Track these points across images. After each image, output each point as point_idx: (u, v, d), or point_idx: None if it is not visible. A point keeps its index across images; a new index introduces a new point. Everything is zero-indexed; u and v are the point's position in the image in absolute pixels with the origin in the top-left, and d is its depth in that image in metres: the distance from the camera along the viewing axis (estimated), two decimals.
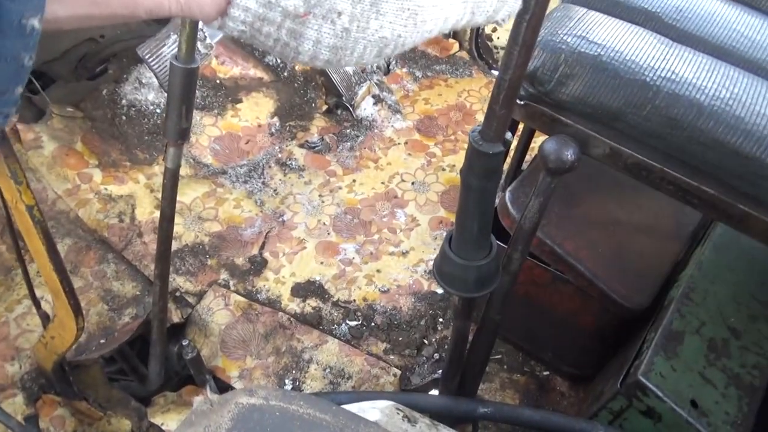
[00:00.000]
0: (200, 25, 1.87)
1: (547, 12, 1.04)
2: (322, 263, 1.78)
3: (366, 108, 2.21)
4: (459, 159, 2.10)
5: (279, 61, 2.22)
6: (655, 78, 0.85)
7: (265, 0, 0.28)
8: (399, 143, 2.15)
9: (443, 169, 2.08)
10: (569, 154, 0.88)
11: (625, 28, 0.93)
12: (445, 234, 1.85)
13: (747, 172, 0.80)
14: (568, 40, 0.90)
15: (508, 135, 0.85)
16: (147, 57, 1.66)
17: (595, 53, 0.88)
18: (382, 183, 2.02)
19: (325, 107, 2.22)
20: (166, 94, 1.94)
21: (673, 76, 0.85)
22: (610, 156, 0.91)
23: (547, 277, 1.30)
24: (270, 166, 2.02)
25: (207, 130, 2.03)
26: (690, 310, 1.17)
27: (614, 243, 1.32)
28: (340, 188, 2.00)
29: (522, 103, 0.96)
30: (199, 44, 1.88)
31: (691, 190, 0.86)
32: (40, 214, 0.96)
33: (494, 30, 2.36)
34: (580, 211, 1.36)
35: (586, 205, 1.37)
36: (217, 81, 2.12)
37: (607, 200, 1.38)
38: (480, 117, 2.24)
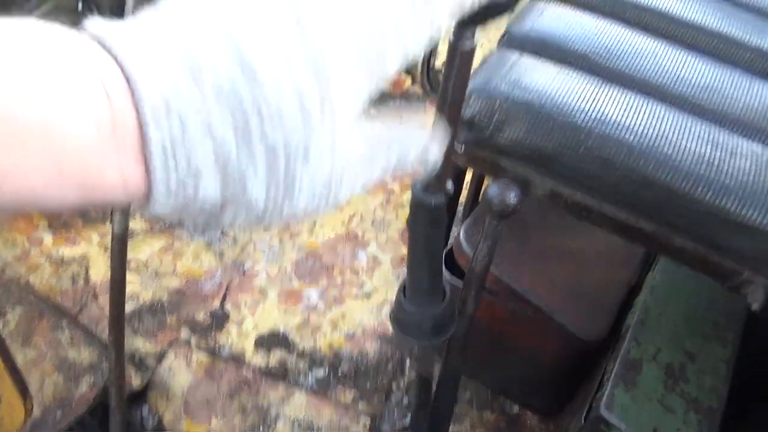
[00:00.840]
0: None
1: (483, 58, 1.07)
2: (285, 312, 1.75)
3: None
4: None
5: None
6: (586, 120, 0.88)
7: (183, 203, 0.29)
8: None
9: (403, 206, 2.09)
10: (512, 198, 0.90)
11: (557, 72, 0.96)
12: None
13: (678, 207, 0.83)
14: (502, 86, 0.93)
15: (450, 185, 0.86)
16: None
17: (528, 98, 0.91)
18: (342, 224, 2.02)
19: None
20: None
21: (603, 117, 0.88)
22: (551, 197, 0.93)
23: (507, 314, 1.31)
24: None
25: None
26: (645, 336, 1.18)
27: (569, 274, 1.34)
28: (300, 233, 1.99)
29: (463, 149, 0.97)
30: None
31: (630, 227, 0.88)
32: None
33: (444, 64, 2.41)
34: (533, 244, 1.38)
35: (539, 238, 1.39)
36: None
37: (559, 231, 1.40)
38: None
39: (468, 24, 0.64)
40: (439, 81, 2.51)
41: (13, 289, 1.66)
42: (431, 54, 2.39)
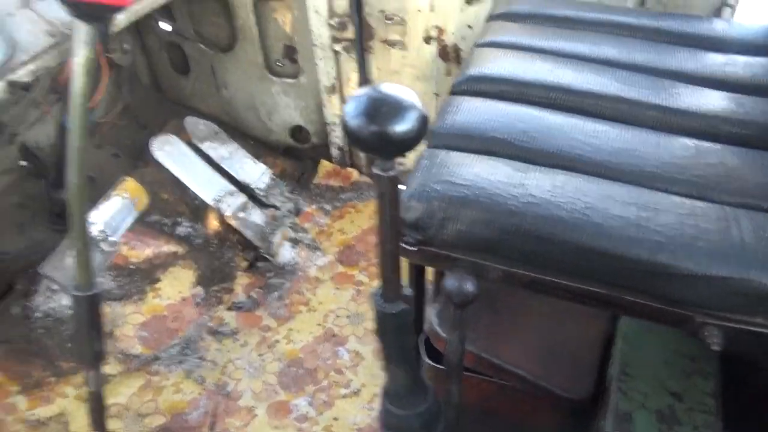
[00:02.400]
0: (101, 227, 1.89)
1: (414, 158, 1.14)
2: (276, 428, 1.72)
3: (285, 254, 2.25)
4: None
5: (191, 229, 2.25)
6: (518, 204, 0.94)
7: None
8: (325, 280, 2.18)
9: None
10: (469, 287, 0.94)
11: (483, 162, 1.04)
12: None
13: (620, 270, 0.89)
14: (437, 187, 0.99)
15: (408, 291, 0.90)
16: (51, 274, 1.65)
17: (463, 194, 0.98)
18: (318, 324, 2.02)
19: (245, 264, 2.24)
20: None
21: (533, 199, 0.95)
22: (504, 279, 0.98)
23: (494, 389, 1.32)
24: (203, 338, 1.98)
25: (130, 319, 1.98)
26: (630, 385, 1.21)
27: (545, 337, 1.37)
28: (278, 341, 1.98)
29: (415, 249, 1.02)
30: (103, 245, 1.89)
31: (584, 294, 0.94)
32: None
33: None
34: (504, 315, 1.42)
35: (509, 307, 1.43)
36: (131, 266, 2.10)
37: (526, 297, 1.45)
38: None
39: (388, 156, 0.71)
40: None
41: None
42: None
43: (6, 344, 1.83)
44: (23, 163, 2.12)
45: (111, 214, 1.84)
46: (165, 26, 2.43)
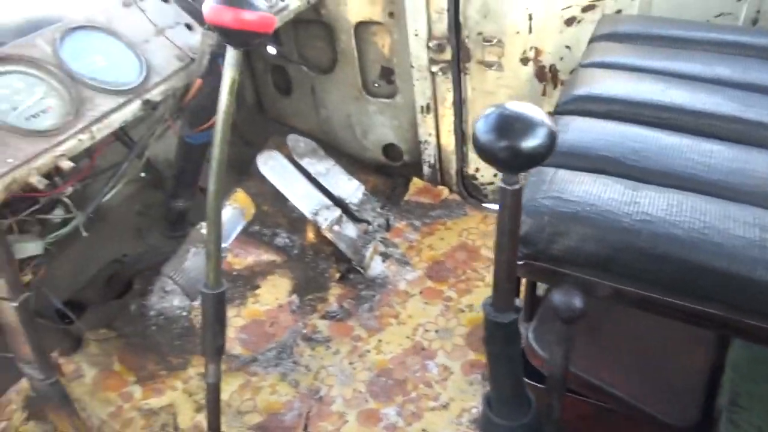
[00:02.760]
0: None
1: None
2: None
3: (376, 267, 2.32)
4: (475, 298, 2.17)
5: (288, 240, 2.38)
6: (631, 221, 0.95)
7: None
8: (414, 294, 2.23)
9: (462, 311, 2.13)
10: (577, 302, 0.95)
11: (593, 180, 1.05)
12: (480, 378, 1.87)
13: (740, 291, 0.87)
14: (546, 202, 1.02)
15: (518, 301, 0.93)
16: (173, 275, 1.80)
17: (573, 210, 0.99)
18: (407, 337, 2.07)
19: (338, 275, 2.33)
20: (191, 300, 2.07)
21: (648, 217, 0.95)
22: (614, 296, 0.98)
23: (592, 411, 1.31)
24: (297, 344, 2.08)
25: (232, 322, 2.11)
26: (741, 417, 1.16)
27: (646, 360, 1.34)
28: (368, 351, 2.04)
29: (522, 263, 1.05)
30: None
31: (699, 315, 0.92)
32: None
33: (477, 170, 2.55)
34: (605, 333, 1.40)
35: (609, 327, 1.41)
36: (234, 273, 2.24)
37: (627, 317, 1.42)
38: (484, 252, 2.34)
39: (516, 170, 0.75)
40: (474, 185, 2.65)
41: None
42: (463, 163, 2.54)
43: (124, 338, 2.01)
44: (143, 174, 2.34)
45: (223, 222, 1.99)
46: (271, 50, 2.61)
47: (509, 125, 0.70)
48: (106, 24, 1.73)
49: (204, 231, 1.99)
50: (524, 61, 2.15)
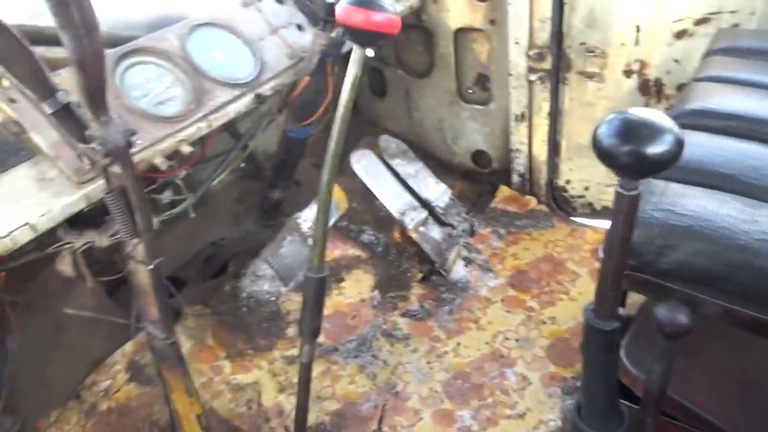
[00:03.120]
0: (310, 224, 2.13)
1: None
2: None
3: (458, 271, 2.34)
4: (558, 311, 2.14)
5: (373, 238, 2.44)
6: (750, 241, 0.92)
7: None
8: (495, 301, 2.22)
9: (544, 323, 2.11)
10: (682, 318, 0.93)
11: (708, 195, 1.03)
12: (560, 391, 1.84)
13: None
14: (657, 214, 1.00)
15: (622, 310, 0.92)
16: (269, 260, 1.91)
17: (686, 224, 0.97)
18: (486, 343, 2.07)
19: (420, 275, 2.36)
20: (279, 285, 2.17)
21: (767, 237, 0.92)
22: (723, 315, 0.95)
23: None
24: (377, 339, 2.13)
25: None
26: None
27: (747, 389, 1.28)
28: (446, 353, 2.06)
29: (626, 273, 1.03)
30: (310, 240, 2.12)
31: None
32: (206, 421, 1.09)
33: (568, 182, 2.50)
34: (703, 357, 1.34)
35: (708, 351, 1.36)
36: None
37: (728, 342, 1.36)
38: (570, 266, 2.30)
39: (637, 176, 0.75)
40: (563, 197, 2.60)
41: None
42: (554, 174, 2.50)
43: (218, 316, 2.14)
44: (243, 164, 2.48)
45: None
46: (370, 52, 2.69)
47: (634, 130, 0.70)
48: (227, 22, 1.86)
49: (300, 221, 2.10)
50: (628, 73, 2.10)
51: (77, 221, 1.59)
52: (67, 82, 1.10)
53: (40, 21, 1.58)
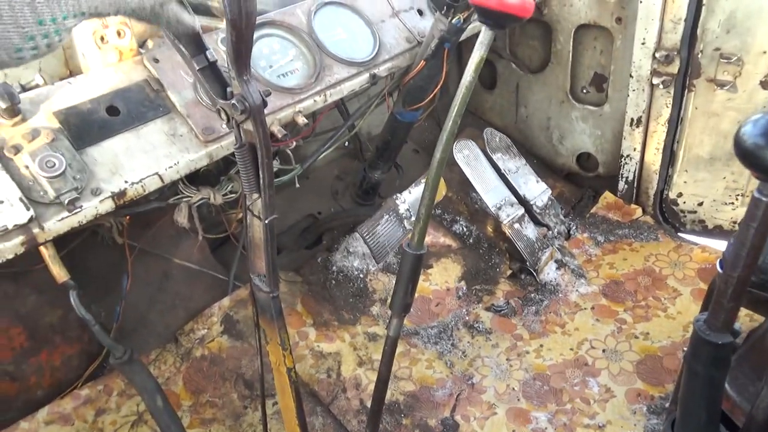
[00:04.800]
0: (407, 207, 2.17)
1: None
2: (514, 431, 1.77)
3: (549, 273, 2.28)
4: (652, 327, 2.03)
5: (465, 229, 2.43)
6: None
7: None
8: (585, 308, 2.15)
9: (636, 337, 2.01)
10: None
11: None
12: (645, 409, 1.76)
13: None
14: None
15: (737, 325, 0.87)
16: (365, 235, 1.96)
17: None
18: (571, 349, 2.01)
19: (509, 272, 2.33)
20: (369, 263, 2.23)
21: None
22: None
23: None
24: (458, 329, 2.13)
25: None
26: None
27: None
28: (528, 353, 2.03)
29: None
30: (406, 222, 2.16)
31: None
32: (296, 376, 1.15)
33: (680, 195, 2.36)
34: None
35: None
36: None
37: None
38: (672, 282, 2.18)
39: None
40: (673, 211, 2.45)
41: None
42: (665, 185, 2.37)
43: (308, 285, 2.23)
44: (346, 143, 2.55)
45: (417, 197, 2.11)
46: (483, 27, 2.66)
47: None
48: (351, 2, 1.92)
49: (399, 202, 2.13)
50: (765, 84, 1.94)
51: (195, 178, 1.72)
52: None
53: None
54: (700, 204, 2.32)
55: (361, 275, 2.25)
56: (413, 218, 1.99)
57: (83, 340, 1.84)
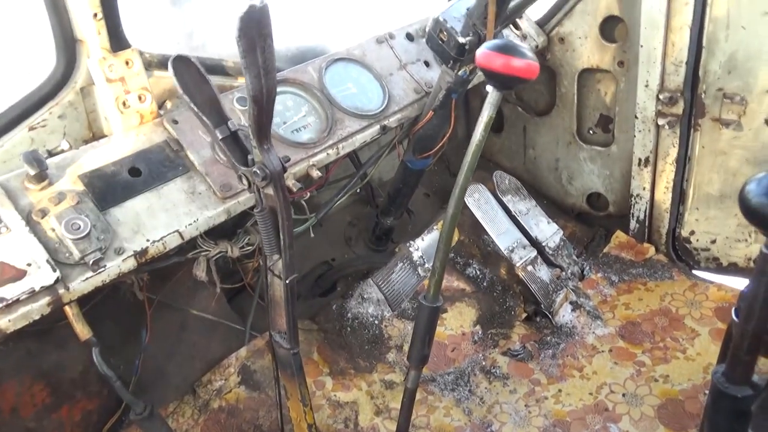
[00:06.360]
0: (421, 253, 2.19)
1: None
2: None
3: (564, 315, 2.28)
4: (672, 369, 2.01)
5: (479, 272, 2.44)
6: None
7: None
8: (603, 351, 2.14)
9: (656, 380, 1.99)
10: None
11: None
12: None
13: None
14: None
15: (756, 377, 0.87)
16: (380, 283, 1.98)
17: None
18: (590, 394, 1.99)
19: (524, 315, 2.33)
20: (383, 309, 2.24)
21: None
22: None
23: None
24: (475, 374, 2.12)
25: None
26: None
27: None
28: (546, 398, 2.01)
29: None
30: (419, 269, 2.18)
31: None
32: (317, 430, 1.15)
33: (692, 233, 2.37)
34: None
35: None
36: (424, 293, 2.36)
37: None
38: (689, 322, 2.16)
39: None
40: (686, 249, 2.46)
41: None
42: (677, 223, 2.38)
43: (324, 333, 2.24)
44: (358, 190, 2.59)
45: (430, 244, 2.13)
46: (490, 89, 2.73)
47: None
48: (360, 57, 1.99)
49: (412, 249, 2.16)
50: None
51: (212, 232, 1.76)
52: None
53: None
54: (713, 241, 2.32)
55: (376, 321, 2.25)
56: (427, 265, 2.01)
57: (102, 395, 1.85)
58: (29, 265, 1.27)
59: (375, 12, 2.50)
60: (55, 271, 1.28)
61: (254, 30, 0.77)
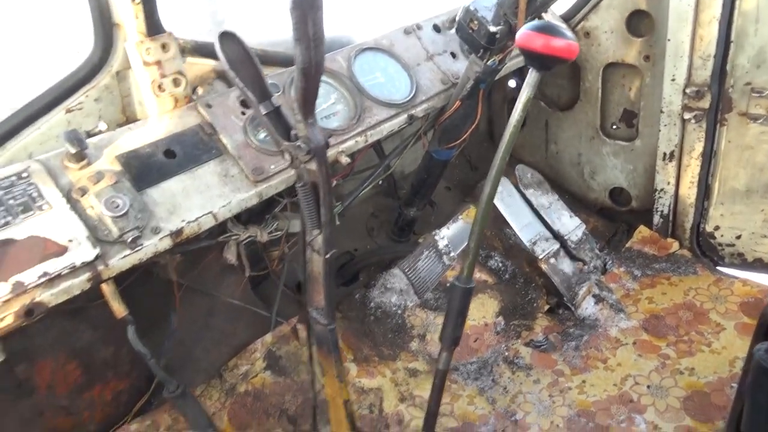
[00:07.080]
0: (446, 242, 2.20)
1: None
2: None
3: (587, 307, 2.28)
4: (697, 362, 2.00)
5: (501, 265, 2.45)
6: None
7: None
8: (626, 343, 2.13)
9: (681, 373, 1.98)
10: None
11: None
12: None
13: None
14: None
15: None
16: (407, 271, 1.99)
17: None
18: (614, 385, 1.99)
19: (546, 307, 2.33)
20: (406, 298, 2.25)
21: None
22: None
23: None
24: (498, 364, 2.13)
25: (440, 329, 2.24)
26: None
27: None
28: (570, 389, 2.01)
29: None
30: (445, 257, 2.19)
31: None
32: (351, 407, 1.17)
33: (716, 228, 2.36)
34: None
35: None
36: (447, 284, 2.38)
37: None
38: (714, 317, 2.15)
39: None
40: (710, 244, 2.46)
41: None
42: (702, 218, 2.37)
43: (347, 321, 2.25)
44: (380, 181, 2.61)
45: (455, 233, 2.15)
46: (512, 83, 2.74)
47: None
48: (388, 47, 2.01)
49: (438, 238, 2.17)
50: None
51: (240, 217, 1.78)
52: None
53: None
54: (738, 237, 2.31)
55: (399, 311, 2.27)
56: (452, 253, 2.02)
57: (132, 376, 1.89)
58: (70, 241, 1.30)
59: (401, 4, 2.51)
60: (95, 247, 1.31)
61: (306, 1, 0.79)
